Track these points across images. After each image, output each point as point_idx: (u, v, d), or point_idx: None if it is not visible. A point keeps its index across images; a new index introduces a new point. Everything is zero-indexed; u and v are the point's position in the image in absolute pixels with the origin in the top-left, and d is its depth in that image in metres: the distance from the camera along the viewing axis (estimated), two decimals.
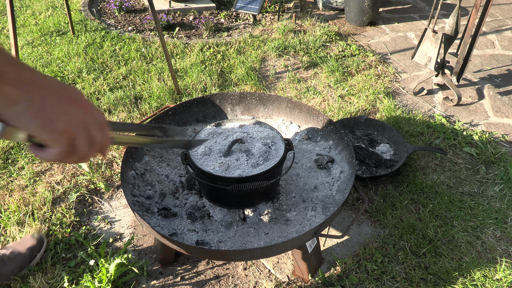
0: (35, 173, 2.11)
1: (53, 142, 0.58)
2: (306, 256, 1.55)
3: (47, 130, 0.56)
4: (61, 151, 0.59)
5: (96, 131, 0.63)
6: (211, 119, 1.89)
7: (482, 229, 1.88)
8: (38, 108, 0.55)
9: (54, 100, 0.57)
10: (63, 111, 0.58)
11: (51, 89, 0.57)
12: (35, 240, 1.66)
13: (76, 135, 0.60)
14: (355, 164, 1.51)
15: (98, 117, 0.64)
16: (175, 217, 1.47)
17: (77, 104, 0.60)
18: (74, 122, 0.59)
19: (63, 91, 0.59)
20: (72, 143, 0.60)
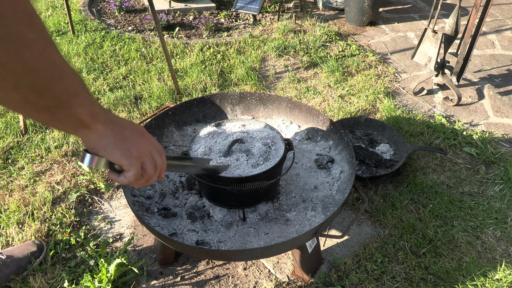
0: (35, 173, 2.11)
1: (130, 166, 0.73)
2: (306, 256, 1.55)
3: (126, 157, 0.71)
4: (135, 173, 0.74)
5: (158, 157, 0.79)
6: (211, 119, 1.89)
7: (482, 229, 1.88)
8: (119, 140, 0.69)
9: (129, 134, 0.72)
10: (136, 142, 0.73)
11: (125, 125, 0.72)
12: (35, 246, 1.65)
13: (145, 160, 0.76)
14: (355, 164, 1.51)
15: (158, 146, 0.81)
16: (175, 217, 1.47)
17: (144, 136, 0.76)
18: (144, 149, 0.75)
19: (133, 126, 0.75)
20: (142, 167, 0.76)
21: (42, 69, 0.52)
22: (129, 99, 2.70)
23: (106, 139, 0.68)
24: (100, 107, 0.66)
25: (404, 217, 1.91)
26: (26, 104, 0.54)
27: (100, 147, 0.68)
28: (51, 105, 0.56)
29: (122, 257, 1.52)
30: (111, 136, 0.68)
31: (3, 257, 1.55)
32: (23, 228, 1.79)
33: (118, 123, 0.70)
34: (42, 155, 2.23)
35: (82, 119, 0.62)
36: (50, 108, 0.57)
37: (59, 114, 0.58)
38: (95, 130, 0.65)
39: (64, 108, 0.58)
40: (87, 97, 0.62)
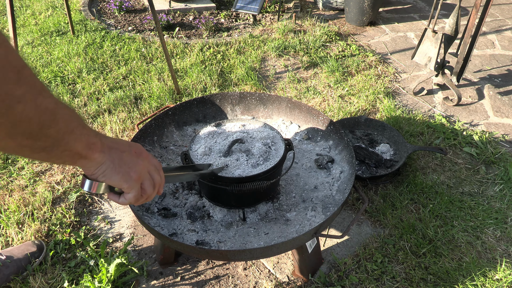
0: (35, 173, 2.11)
1: (130, 188, 0.75)
2: (306, 256, 1.55)
3: (126, 180, 0.73)
4: (135, 195, 0.77)
5: (155, 174, 0.81)
6: (211, 119, 1.89)
7: (482, 229, 1.88)
8: (118, 165, 0.71)
9: (127, 156, 0.74)
10: (134, 164, 0.75)
11: (122, 147, 0.74)
12: (35, 246, 1.65)
13: (144, 180, 0.78)
14: (355, 164, 1.51)
15: (155, 163, 0.82)
16: (175, 217, 1.47)
17: (142, 156, 0.78)
18: (142, 170, 0.77)
19: (130, 147, 0.76)
20: (142, 187, 0.78)
21: (34, 118, 0.54)
22: (129, 99, 2.70)
23: (105, 166, 0.70)
24: (96, 136, 0.68)
25: (404, 217, 1.91)
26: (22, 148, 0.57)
27: (99, 174, 0.70)
28: (46, 146, 0.59)
29: (122, 257, 1.52)
30: (109, 162, 0.70)
31: (3, 257, 1.55)
32: (23, 228, 1.79)
33: (116, 148, 0.72)
34: None
35: (78, 152, 0.64)
36: (46, 148, 0.59)
37: (55, 152, 0.61)
38: (93, 160, 0.67)
39: (60, 146, 0.60)
40: (82, 130, 0.63)
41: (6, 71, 0.50)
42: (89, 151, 0.66)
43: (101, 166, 0.70)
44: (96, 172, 0.70)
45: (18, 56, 0.53)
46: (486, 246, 1.80)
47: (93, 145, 0.66)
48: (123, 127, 2.45)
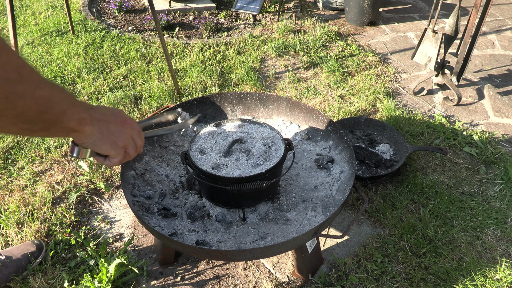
0: (35, 173, 2.11)
1: (116, 154, 0.86)
2: (306, 256, 1.55)
3: (113, 148, 0.83)
4: (120, 159, 0.88)
5: (137, 138, 0.91)
6: (211, 119, 1.89)
7: (482, 229, 1.88)
8: (106, 136, 0.80)
9: (113, 127, 0.82)
10: (120, 132, 0.84)
11: (109, 118, 0.81)
12: (34, 246, 1.65)
13: (128, 146, 0.88)
14: (355, 164, 1.51)
15: (136, 127, 0.91)
16: (175, 217, 1.47)
17: (125, 124, 0.86)
18: (126, 137, 0.86)
19: (115, 117, 0.84)
20: (126, 151, 0.88)
21: (33, 108, 0.62)
22: (129, 99, 2.70)
23: (94, 137, 0.78)
24: (85, 111, 0.74)
25: (404, 217, 1.91)
26: (23, 131, 0.66)
27: (89, 143, 0.79)
28: (44, 127, 0.67)
29: (122, 257, 1.52)
30: (97, 133, 0.78)
31: (3, 257, 1.55)
32: (23, 228, 1.79)
33: (103, 119, 0.80)
34: (42, 155, 2.23)
35: (71, 127, 0.72)
36: (43, 129, 0.67)
37: (52, 131, 0.69)
38: (83, 132, 0.75)
39: (55, 126, 0.69)
40: (73, 109, 0.71)
41: (9, 73, 0.56)
42: (80, 126, 0.73)
43: (91, 137, 0.77)
44: (86, 142, 0.78)
45: (18, 56, 0.59)
46: (486, 246, 1.80)
47: (83, 120, 0.74)
48: None
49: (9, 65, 0.56)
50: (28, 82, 0.60)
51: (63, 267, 1.64)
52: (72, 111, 0.70)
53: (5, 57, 0.56)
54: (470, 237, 1.83)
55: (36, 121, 0.64)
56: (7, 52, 0.56)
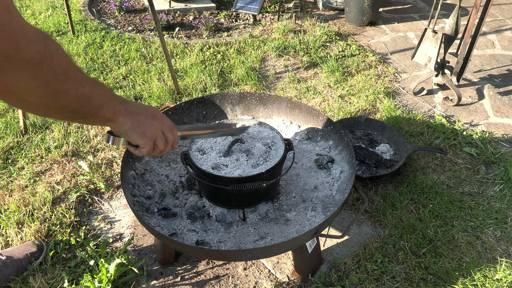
0: (35, 173, 2.11)
1: (144, 144, 0.95)
2: (306, 256, 1.55)
3: (142, 138, 0.93)
4: (148, 149, 0.97)
5: (168, 133, 1.00)
6: (211, 119, 1.89)
7: (482, 229, 1.88)
8: (136, 126, 0.91)
9: (143, 119, 0.93)
10: (150, 125, 0.94)
11: (140, 111, 0.93)
12: (35, 246, 1.65)
13: (157, 138, 0.97)
14: (355, 164, 1.51)
15: (169, 124, 1.01)
16: (175, 217, 1.47)
17: (157, 118, 0.97)
18: (156, 130, 0.96)
19: (147, 111, 0.95)
20: (155, 143, 0.97)
21: (74, 102, 0.73)
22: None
23: (126, 126, 0.89)
24: (121, 104, 0.86)
25: (404, 217, 1.91)
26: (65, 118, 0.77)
27: (122, 132, 0.90)
28: (83, 116, 0.79)
29: (122, 257, 1.52)
30: (129, 123, 0.89)
31: (3, 257, 1.55)
32: (23, 229, 1.79)
33: (135, 112, 0.91)
34: (42, 155, 2.23)
35: (107, 118, 0.84)
36: (82, 117, 0.79)
37: (90, 119, 0.81)
38: (117, 122, 0.87)
39: (93, 116, 0.80)
40: (110, 103, 0.82)
41: (58, 74, 0.67)
42: (115, 116, 0.85)
43: (123, 126, 0.89)
44: (119, 130, 0.90)
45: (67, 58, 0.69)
46: (486, 246, 1.80)
47: (118, 112, 0.85)
48: None
49: (59, 67, 0.67)
50: (73, 82, 0.71)
51: (63, 267, 1.64)
52: (108, 105, 0.82)
53: (56, 61, 0.66)
54: (470, 237, 1.83)
55: (77, 112, 0.75)
56: (59, 57, 0.67)
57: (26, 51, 0.60)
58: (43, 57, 0.63)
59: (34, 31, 0.62)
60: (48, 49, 0.64)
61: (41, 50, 0.62)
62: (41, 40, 0.63)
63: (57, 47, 0.67)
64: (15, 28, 0.57)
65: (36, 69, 0.62)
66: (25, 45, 0.59)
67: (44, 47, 0.63)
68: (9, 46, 0.57)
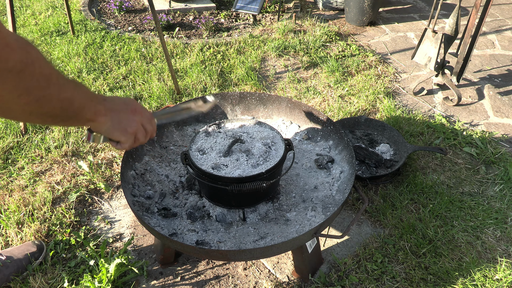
0: (35, 173, 2.11)
1: (126, 140, 0.95)
2: (306, 256, 1.55)
3: (123, 135, 0.93)
4: (130, 144, 0.97)
5: (148, 125, 1.00)
6: (211, 119, 1.89)
7: (482, 229, 1.88)
8: (116, 124, 0.90)
9: (123, 116, 0.92)
10: (130, 120, 0.94)
11: (120, 107, 0.92)
12: (35, 246, 1.65)
13: (137, 132, 0.97)
14: (355, 164, 1.51)
15: (147, 115, 1.01)
16: (175, 217, 1.47)
17: (136, 112, 0.96)
18: (136, 124, 0.96)
19: (127, 106, 0.94)
20: (136, 137, 0.98)
21: (57, 107, 0.72)
22: None
23: (106, 125, 0.88)
24: (100, 103, 0.85)
25: (404, 217, 1.91)
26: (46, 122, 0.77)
27: (102, 131, 0.90)
28: (64, 119, 0.78)
29: (122, 257, 1.52)
30: (110, 122, 0.88)
31: (3, 257, 1.55)
32: (23, 229, 1.79)
33: (115, 109, 0.90)
34: (42, 155, 2.23)
35: (87, 118, 0.82)
36: (63, 120, 0.78)
37: (71, 121, 0.81)
38: (97, 122, 0.86)
39: (75, 118, 0.79)
40: (90, 103, 0.81)
41: (40, 81, 0.66)
42: (96, 116, 0.84)
43: (104, 125, 0.88)
44: (100, 129, 0.89)
45: (48, 64, 0.68)
46: (486, 246, 1.80)
47: (98, 112, 0.84)
48: None
49: (41, 75, 0.66)
50: (55, 87, 0.70)
51: (63, 267, 1.64)
52: (89, 106, 0.81)
53: (38, 68, 0.65)
54: (470, 237, 1.83)
55: (59, 115, 0.75)
56: (40, 63, 0.66)
57: (8, 60, 0.59)
58: (25, 65, 0.62)
59: (15, 39, 0.61)
60: (30, 56, 0.63)
61: (23, 58, 0.61)
62: (22, 48, 0.62)
63: (38, 53, 0.66)
64: None
65: (18, 77, 0.61)
66: (6, 55, 0.58)
67: (26, 55, 0.62)
68: None
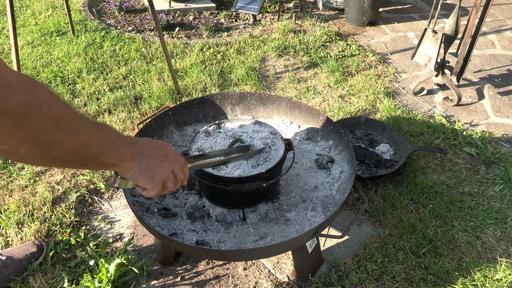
0: (35, 173, 2.11)
1: (153, 188, 0.88)
2: (306, 256, 1.55)
3: (149, 182, 0.86)
4: (156, 192, 0.90)
5: (179, 173, 0.93)
6: (211, 119, 1.89)
7: (482, 229, 1.88)
8: (144, 170, 0.84)
9: (153, 161, 0.86)
10: (159, 167, 0.87)
11: (150, 153, 0.86)
12: (35, 247, 1.65)
13: (167, 180, 0.90)
14: (355, 164, 1.51)
15: (180, 161, 0.94)
16: (175, 217, 1.47)
17: (167, 159, 0.89)
18: (166, 172, 0.88)
19: (158, 151, 0.87)
20: (164, 185, 0.90)
21: (70, 152, 0.66)
22: (129, 99, 2.70)
23: (133, 171, 0.82)
24: (127, 147, 0.80)
25: (404, 217, 1.91)
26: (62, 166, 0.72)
27: (128, 176, 0.84)
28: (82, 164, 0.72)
29: (122, 257, 1.52)
30: (136, 168, 0.82)
31: (3, 258, 1.55)
32: (23, 229, 1.79)
33: (144, 153, 0.84)
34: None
35: (109, 163, 0.76)
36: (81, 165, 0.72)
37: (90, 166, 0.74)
38: (123, 167, 0.80)
39: (93, 163, 0.73)
40: (113, 148, 0.76)
41: (48, 124, 0.61)
42: (119, 161, 0.78)
43: (130, 171, 0.82)
44: (125, 175, 0.83)
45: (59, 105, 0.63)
46: (486, 246, 1.80)
47: (123, 157, 0.78)
48: (123, 127, 2.45)
49: (49, 117, 0.61)
50: (67, 131, 0.64)
51: (63, 267, 1.64)
52: (111, 150, 0.75)
53: (46, 110, 0.60)
54: (470, 237, 1.83)
55: (74, 160, 0.69)
56: (49, 105, 0.61)
57: (7, 102, 0.54)
58: (29, 107, 0.57)
59: (18, 78, 0.57)
60: (35, 98, 0.58)
61: (26, 100, 0.57)
62: (25, 89, 0.57)
63: (48, 94, 0.61)
64: None
65: (21, 120, 0.57)
66: (5, 96, 0.54)
67: (30, 97, 0.57)
68: None
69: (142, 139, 0.87)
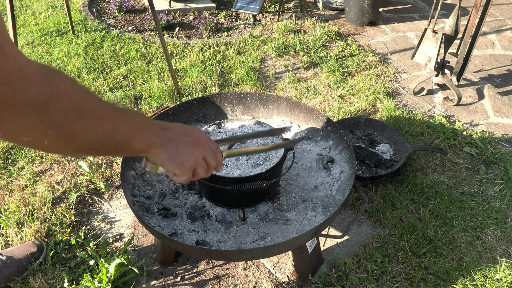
0: (35, 173, 2.11)
1: (182, 174, 0.86)
2: (306, 256, 1.55)
3: (179, 168, 0.85)
4: (186, 178, 0.88)
5: (211, 159, 0.90)
6: (211, 119, 1.89)
7: (482, 229, 1.88)
8: (173, 156, 0.82)
9: (182, 148, 0.83)
10: (189, 154, 0.84)
11: (180, 139, 0.83)
12: (35, 247, 1.65)
13: (197, 167, 0.87)
14: (355, 164, 1.51)
15: (212, 147, 0.91)
16: (175, 217, 1.47)
17: (198, 145, 0.86)
18: (196, 159, 0.86)
19: (188, 137, 0.85)
20: (195, 171, 0.88)
21: (94, 141, 0.66)
22: (129, 99, 2.70)
23: (161, 157, 0.82)
24: (156, 134, 0.79)
25: (404, 217, 1.91)
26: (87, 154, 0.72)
27: (157, 162, 0.84)
28: (109, 151, 0.72)
29: (122, 257, 1.52)
30: (165, 154, 0.81)
31: (3, 258, 1.55)
32: (23, 228, 1.79)
33: (174, 139, 0.82)
34: (42, 155, 2.23)
35: (138, 149, 0.76)
36: (109, 152, 0.73)
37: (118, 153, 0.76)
38: (151, 153, 0.80)
39: (121, 151, 0.74)
40: (141, 135, 0.75)
41: (69, 115, 0.60)
42: (148, 148, 0.78)
43: (159, 157, 0.82)
44: (155, 160, 0.83)
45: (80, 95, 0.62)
46: (486, 246, 1.80)
47: (152, 143, 0.78)
48: None
49: (70, 107, 0.60)
50: (90, 120, 0.64)
51: (63, 267, 1.64)
52: (139, 137, 0.75)
53: (66, 100, 0.59)
54: (470, 237, 1.83)
55: (100, 148, 0.69)
56: (69, 95, 0.60)
57: (26, 93, 0.53)
58: (48, 98, 0.56)
59: (36, 69, 0.55)
60: (55, 88, 0.57)
61: (45, 90, 0.56)
62: (44, 79, 0.56)
63: (68, 83, 0.60)
64: (10, 70, 0.51)
65: (41, 111, 0.56)
66: (23, 88, 0.53)
67: (50, 87, 0.56)
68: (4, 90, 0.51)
69: (173, 125, 0.85)
